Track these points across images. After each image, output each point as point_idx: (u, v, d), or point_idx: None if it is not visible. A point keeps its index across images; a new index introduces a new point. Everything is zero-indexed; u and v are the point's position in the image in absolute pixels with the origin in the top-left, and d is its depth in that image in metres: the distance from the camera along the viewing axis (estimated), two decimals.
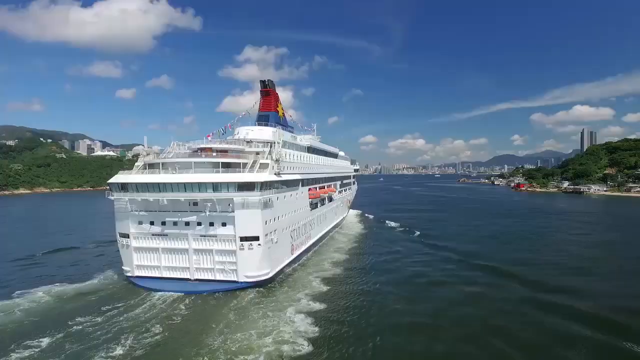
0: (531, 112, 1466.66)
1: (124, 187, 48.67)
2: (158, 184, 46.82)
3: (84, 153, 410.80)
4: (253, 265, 46.88)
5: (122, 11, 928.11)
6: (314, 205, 70.33)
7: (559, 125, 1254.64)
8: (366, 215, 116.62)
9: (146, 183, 47.41)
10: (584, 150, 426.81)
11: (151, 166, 51.29)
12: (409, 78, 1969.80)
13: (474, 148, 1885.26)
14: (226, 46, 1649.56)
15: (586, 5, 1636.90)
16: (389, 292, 46.24)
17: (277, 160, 51.99)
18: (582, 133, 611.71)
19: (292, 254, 56.99)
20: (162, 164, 50.18)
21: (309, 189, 68.52)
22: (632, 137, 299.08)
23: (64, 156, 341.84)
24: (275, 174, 50.92)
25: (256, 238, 46.58)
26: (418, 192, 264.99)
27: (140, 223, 49.38)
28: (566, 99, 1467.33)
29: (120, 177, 49.75)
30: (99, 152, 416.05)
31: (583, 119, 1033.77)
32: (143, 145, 70.54)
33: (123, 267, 50.54)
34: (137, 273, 49.69)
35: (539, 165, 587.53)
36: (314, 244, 68.45)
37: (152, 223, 48.99)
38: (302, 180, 63.20)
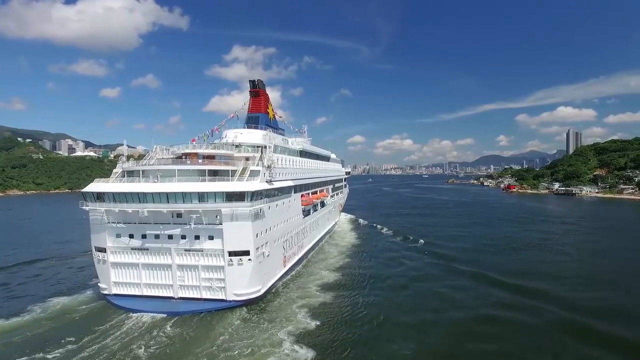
0: (516, 113, 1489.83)
1: (99, 196, 44.42)
2: (137, 193, 42.71)
3: (65, 153, 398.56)
4: (243, 282, 43.10)
5: (107, 9, 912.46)
6: (306, 212, 66.78)
7: (543, 126, 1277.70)
8: (359, 220, 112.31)
9: (124, 193, 43.20)
10: (570, 150, 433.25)
11: (130, 174, 47.11)
12: (397, 78, 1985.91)
13: (461, 148, 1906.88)
14: (214, 45, 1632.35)
15: (570, 8, 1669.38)
16: (396, 328, 37.94)
17: (268, 167, 48.23)
18: (567, 134, 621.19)
19: (284, 267, 53.37)
20: (143, 171, 46.06)
21: (301, 195, 64.98)
22: (612, 138, 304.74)
23: (41, 156, 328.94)
24: (266, 181, 47.27)
25: (246, 252, 42.83)
26: (408, 194, 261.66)
27: (118, 236, 45.19)
28: (550, 100, 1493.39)
29: (95, 186, 45.47)
30: (78, 153, 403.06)
31: (566, 119, 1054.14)
32: (126, 145, 65.78)
33: (99, 284, 46.45)
34: (115, 291, 45.57)
35: (524, 165, 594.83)
36: (306, 253, 64.96)
37: (131, 236, 44.88)
38: (295, 186, 59.54)
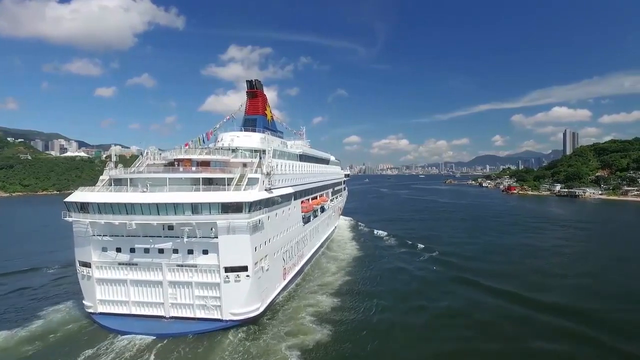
0: (511, 113, 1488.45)
1: (83, 207, 40.73)
2: (125, 204, 39.12)
3: (58, 154, 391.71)
4: (240, 300, 39.75)
5: (102, 8, 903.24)
6: (306, 219, 63.37)
7: (538, 126, 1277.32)
8: (359, 225, 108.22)
9: (111, 203, 39.56)
10: (568, 151, 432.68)
11: (118, 182, 43.44)
12: (393, 79, 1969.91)
13: (456, 148, 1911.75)
14: (210, 45, 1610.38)
15: (565, 9, 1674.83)
16: None
17: (268, 174, 44.74)
18: (564, 134, 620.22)
19: (284, 280, 50.01)
20: (131, 179, 42.51)
21: (301, 202, 61.56)
22: (607, 138, 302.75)
23: (30, 157, 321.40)
24: (265, 189, 43.84)
25: (244, 268, 39.43)
26: (407, 196, 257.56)
27: (104, 250, 41.65)
28: (545, 101, 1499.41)
29: (79, 196, 41.79)
30: (69, 153, 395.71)
31: (561, 119, 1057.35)
32: (118, 147, 61.85)
33: (84, 302, 42.86)
34: (101, 309, 42.12)
35: (519, 165, 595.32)
36: (307, 262, 61.75)
37: (118, 250, 41.40)
38: (295, 193, 56.09)
